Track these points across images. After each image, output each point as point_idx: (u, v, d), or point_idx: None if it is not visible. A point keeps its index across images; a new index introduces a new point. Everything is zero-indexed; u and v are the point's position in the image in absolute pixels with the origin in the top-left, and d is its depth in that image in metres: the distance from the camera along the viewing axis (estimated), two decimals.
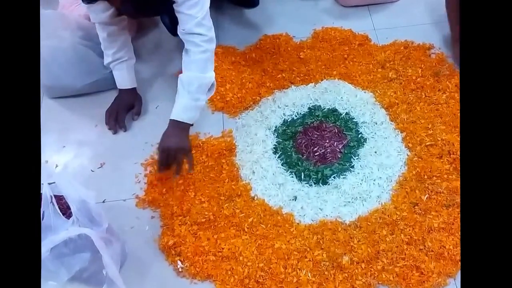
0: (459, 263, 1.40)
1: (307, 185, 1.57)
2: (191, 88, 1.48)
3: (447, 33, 1.92)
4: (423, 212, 1.48)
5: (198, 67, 1.49)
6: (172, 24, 2.05)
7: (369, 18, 2.06)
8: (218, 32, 2.05)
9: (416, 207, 1.50)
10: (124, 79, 1.77)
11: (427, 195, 1.51)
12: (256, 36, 2.00)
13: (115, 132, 1.76)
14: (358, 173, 1.58)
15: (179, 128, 1.51)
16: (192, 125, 1.54)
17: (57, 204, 1.24)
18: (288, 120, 1.73)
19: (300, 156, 1.64)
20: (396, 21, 2.04)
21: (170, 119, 1.51)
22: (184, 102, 1.49)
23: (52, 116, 1.80)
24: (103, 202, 1.57)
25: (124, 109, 1.79)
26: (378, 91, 1.78)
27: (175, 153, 1.49)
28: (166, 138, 1.51)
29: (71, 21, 1.74)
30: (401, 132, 1.67)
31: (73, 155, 1.71)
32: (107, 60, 1.72)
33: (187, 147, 1.53)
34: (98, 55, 1.78)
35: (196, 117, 1.52)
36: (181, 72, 1.88)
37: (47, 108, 1.83)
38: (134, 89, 1.80)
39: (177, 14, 1.46)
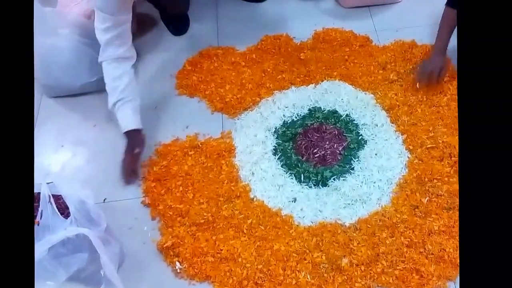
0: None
1: (307, 186, 1.56)
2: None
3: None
4: (423, 215, 1.47)
5: None
6: (174, 25, 2.05)
7: (370, 19, 2.05)
8: (219, 32, 2.05)
9: (416, 209, 1.49)
10: (130, 118, 1.64)
11: (427, 198, 1.51)
12: (256, 37, 2.00)
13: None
14: (358, 175, 1.57)
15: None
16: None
17: (55, 204, 1.24)
18: (288, 122, 1.72)
19: (300, 157, 1.63)
20: (397, 22, 2.04)
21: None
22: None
23: (51, 115, 1.80)
24: (104, 201, 1.56)
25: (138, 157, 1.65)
26: (379, 92, 1.77)
27: None
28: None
29: (70, 20, 1.73)
30: (401, 134, 1.66)
31: (71, 154, 1.71)
32: (112, 100, 1.61)
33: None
34: (98, 54, 1.76)
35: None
36: (180, 73, 1.90)
37: (45, 108, 1.82)
38: (140, 131, 1.66)
39: None
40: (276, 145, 1.66)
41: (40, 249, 1.18)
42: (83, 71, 1.77)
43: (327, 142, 1.66)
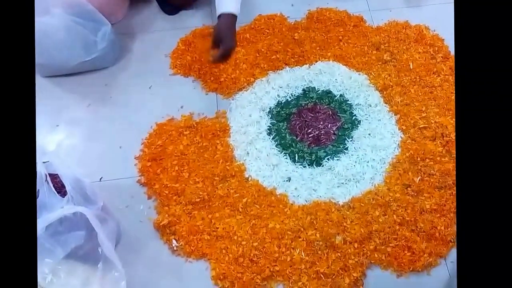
0: (450, 243, 1.43)
1: (301, 166, 1.58)
2: None
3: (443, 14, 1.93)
4: (415, 194, 1.50)
5: None
6: (168, 3, 2.03)
7: None
8: (212, 11, 2.04)
9: (408, 188, 1.51)
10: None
11: (419, 177, 1.53)
12: (250, 16, 1.99)
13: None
14: (352, 155, 1.59)
15: (231, 21, 1.53)
16: (236, 17, 1.55)
17: (52, 183, 1.24)
18: (282, 102, 1.73)
19: (294, 137, 1.64)
20: (391, 2, 2.04)
21: (221, 15, 1.53)
22: None
23: (45, 95, 1.79)
24: (100, 180, 1.57)
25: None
26: (373, 73, 1.78)
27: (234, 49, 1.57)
28: (228, 36, 1.53)
29: None
30: (395, 115, 1.68)
31: (66, 134, 1.70)
32: None
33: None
34: (92, 33, 1.76)
35: (239, 7, 1.54)
36: (174, 53, 1.90)
37: (40, 87, 1.81)
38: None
39: None
40: (270, 125, 1.68)
41: (38, 227, 1.18)
42: (77, 51, 1.75)
43: (321, 122, 1.67)
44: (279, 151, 1.62)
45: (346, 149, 1.61)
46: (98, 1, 1.84)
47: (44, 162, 1.25)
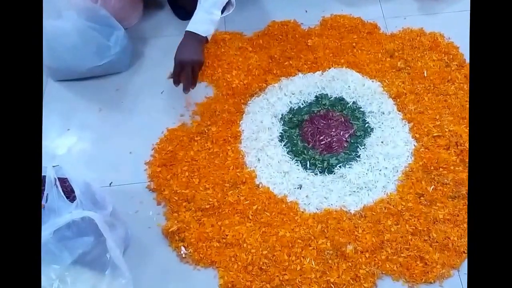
0: (463, 254, 1.40)
1: (313, 173, 1.56)
2: (205, 4, 1.58)
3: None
4: (428, 203, 1.47)
5: None
6: (182, 9, 2.03)
7: (378, 6, 2.03)
8: (225, 17, 2.03)
9: (421, 198, 1.49)
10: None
11: (433, 186, 1.50)
12: (263, 22, 1.98)
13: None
14: (364, 162, 1.57)
15: (194, 39, 1.59)
16: (207, 40, 1.62)
17: (61, 187, 1.24)
18: (295, 108, 1.72)
19: (306, 144, 1.63)
20: (406, 10, 2.02)
21: (186, 31, 1.60)
22: (198, 16, 1.59)
23: (57, 98, 1.79)
24: (110, 185, 1.57)
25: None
26: (386, 80, 1.76)
27: (190, 64, 1.59)
28: (182, 50, 1.60)
29: (76, 2, 1.71)
30: (408, 123, 1.65)
31: (77, 138, 1.71)
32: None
33: (201, 60, 1.61)
34: (105, 38, 1.76)
35: (210, 31, 1.60)
36: None
37: (51, 91, 1.82)
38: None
39: None
40: (282, 131, 1.66)
41: (45, 232, 1.18)
42: (90, 55, 1.76)
43: (334, 129, 1.65)
44: (290, 158, 1.60)
45: (358, 156, 1.59)
46: (112, 6, 1.85)
47: (54, 166, 1.25)
